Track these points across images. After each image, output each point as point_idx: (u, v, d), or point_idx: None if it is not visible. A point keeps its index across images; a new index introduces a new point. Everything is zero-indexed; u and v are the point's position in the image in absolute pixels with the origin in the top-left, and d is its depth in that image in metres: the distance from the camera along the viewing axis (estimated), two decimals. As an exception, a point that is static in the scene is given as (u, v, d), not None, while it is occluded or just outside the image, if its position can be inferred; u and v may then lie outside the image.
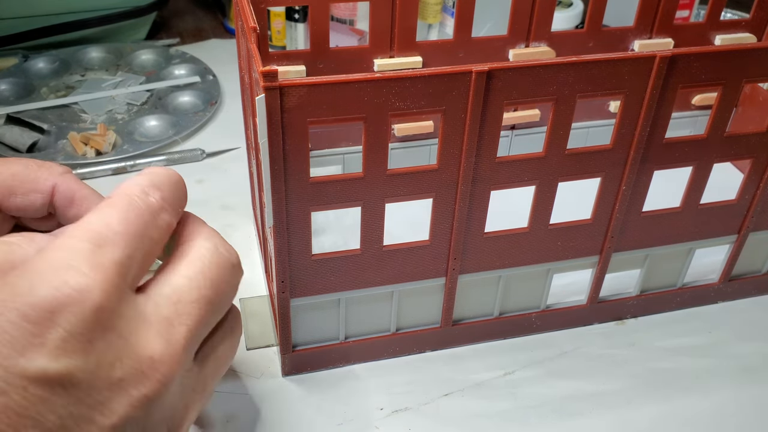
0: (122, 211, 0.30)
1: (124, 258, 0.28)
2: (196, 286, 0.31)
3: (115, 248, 0.28)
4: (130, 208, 0.30)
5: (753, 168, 0.50)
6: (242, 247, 0.61)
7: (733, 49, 0.43)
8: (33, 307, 0.26)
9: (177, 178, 0.34)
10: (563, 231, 0.49)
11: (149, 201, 0.31)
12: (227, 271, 0.33)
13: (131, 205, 0.30)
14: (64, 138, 0.72)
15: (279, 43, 0.87)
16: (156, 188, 0.32)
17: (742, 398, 0.50)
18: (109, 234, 0.29)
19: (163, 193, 0.32)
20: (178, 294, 0.30)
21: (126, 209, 0.30)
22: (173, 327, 0.30)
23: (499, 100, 0.41)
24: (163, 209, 0.31)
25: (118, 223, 0.29)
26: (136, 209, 0.30)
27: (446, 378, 0.51)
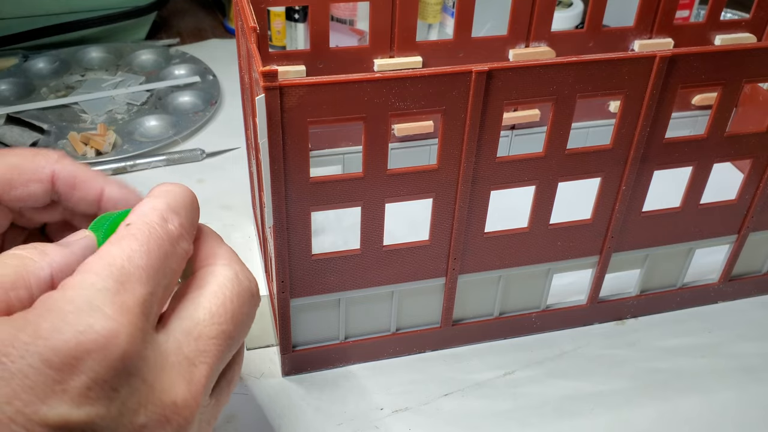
0: (143, 243, 0.28)
1: (147, 295, 0.27)
2: (217, 321, 0.30)
3: (139, 285, 0.27)
4: (151, 239, 0.29)
5: (753, 168, 0.50)
6: (242, 247, 0.61)
7: (733, 49, 0.43)
8: (56, 353, 0.25)
9: (192, 198, 0.33)
10: (563, 231, 0.49)
11: (169, 229, 0.30)
12: (247, 302, 0.32)
13: (152, 235, 0.29)
14: (64, 138, 0.72)
15: (279, 43, 0.87)
16: (174, 213, 0.31)
17: (742, 398, 0.50)
18: (131, 269, 0.27)
19: (181, 218, 0.31)
20: (198, 329, 0.29)
21: (147, 240, 0.28)
22: (194, 367, 0.29)
23: (499, 100, 0.41)
24: (182, 237, 0.30)
25: (140, 256, 0.28)
26: (156, 239, 0.29)
27: (446, 378, 0.51)
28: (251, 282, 0.32)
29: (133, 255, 0.28)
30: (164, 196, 0.31)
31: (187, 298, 0.30)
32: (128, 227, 0.29)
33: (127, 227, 0.29)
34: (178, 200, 0.31)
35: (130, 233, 0.29)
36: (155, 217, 0.30)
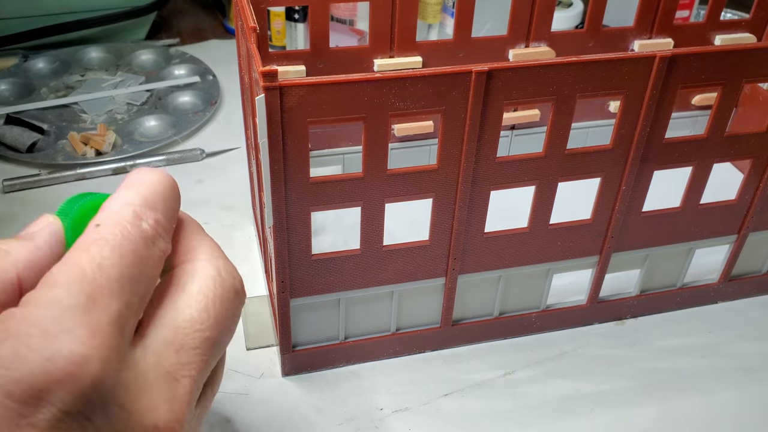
0: (115, 248, 0.25)
1: (121, 309, 0.24)
2: (199, 329, 0.27)
3: (112, 299, 0.24)
4: (124, 242, 0.25)
5: (753, 168, 0.50)
6: (242, 247, 0.61)
7: (733, 49, 0.43)
8: (20, 385, 0.22)
9: (171, 186, 0.29)
10: (563, 231, 0.49)
11: (143, 229, 0.26)
12: (231, 302, 0.28)
13: (125, 238, 0.25)
14: (64, 138, 0.72)
15: (279, 43, 0.87)
16: (149, 208, 0.27)
17: (742, 398, 0.50)
18: (103, 281, 0.24)
19: (157, 213, 0.27)
20: (179, 339, 0.26)
21: (119, 244, 0.25)
22: (176, 382, 0.26)
23: (499, 100, 0.41)
24: (158, 236, 0.27)
25: (112, 264, 0.24)
26: (130, 243, 0.25)
27: (446, 378, 0.51)
28: (235, 279, 0.29)
29: (104, 263, 0.24)
30: (138, 187, 0.28)
31: (165, 302, 0.27)
32: (98, 228, 0.26)
33: (96, 228, 0.26)
34: (154, 191, 0.28)
35: (101, 236, 0.25)
36: (127, 215, 0.26)
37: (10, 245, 0.26)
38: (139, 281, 0.25)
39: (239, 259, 0.60)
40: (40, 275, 0.25)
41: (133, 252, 0.25)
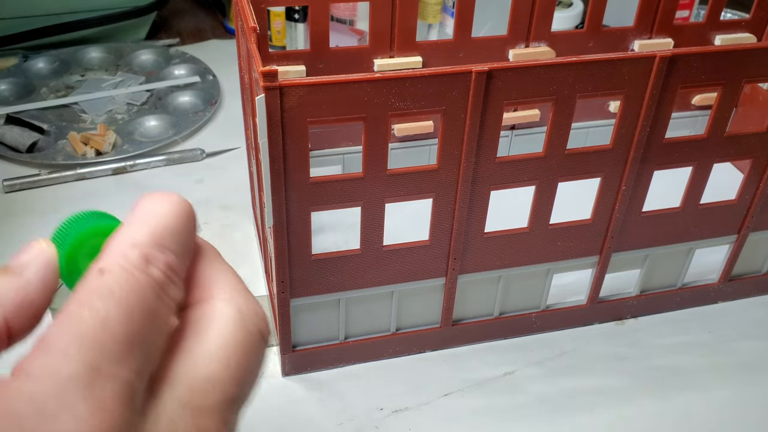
0: (122, 301, 0.21)
1: (130, 376, 0.21)
2: (219, 388, 0.23)
3: (119, 365, 0.20)
4: (132, 293, 0.21)
5: (753, 168, 0.50)
6: (242, 247, 0.61)
7: (733, 49, 0.43)
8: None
9: (185, 216, 0.25)
10: (563, 231, 0.49)
11: (153, 275, 0.22)
12: (255, 349, 0.24)
13: (132, 288, 0.21)
14: (64, 138, 0.72)
15: (279, 43, 0.87)
16: (160, 248, 0.23)
17: (742, 397, 0.50)
18: (109, 343, 0.20)
19: (169, 254, 0.23)
20: (197, 402, 0.22)
21: (126, 296, 0.21)
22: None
23: (499, 100, 0.41)
24: (170, 283, 0.23)
25: (118, 322, 0.21)
26: (138, 293, 0.22)
27: (446, 378, 0.51)
28: (260, 320, 0.25)
29: (108, 321, 0.21)
30: (147, 222, 0.24)
31: (180, 353, 0.23)
32: (101, 276, 0.22)
33: (100, 276, 0.22)
34: (164, 225, 0.24)
35: (105, 286, 0.21)
36: (135, 259, 0.22)
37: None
38: (148, 340, 0.22)
39: (239, 259, 0.60)
40: (30, 315, 0.23)
41: (142, 306, 0.22)
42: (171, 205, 0.24)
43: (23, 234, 0.62)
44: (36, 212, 0.65)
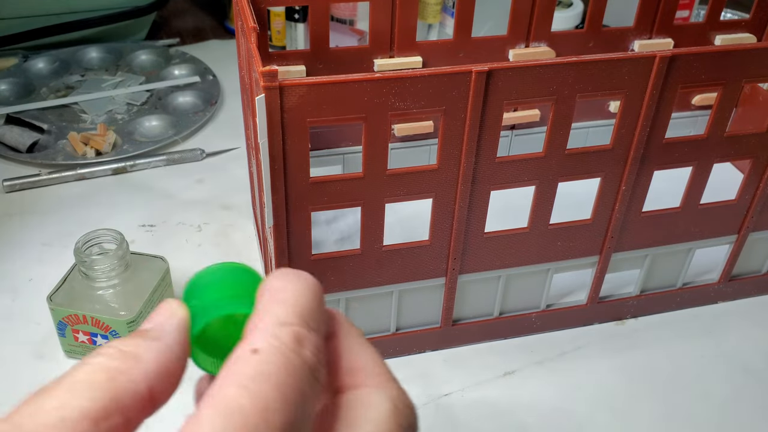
0: (279, 387, 0.20)
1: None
2: None
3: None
4: (288, 378, 0.20)
5: (753, 168, 0.50)
6: (242, 247, 0.61)
7: (733, 49, 0.43)
8: None
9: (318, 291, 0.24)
10: (563, 231, 0.49)
11: (305, 357, 0.21)
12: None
13: (288, 373, 0.20)
14: (64, 138, 0.72)
15: (279, 43, 0.87)
16: (307, 326, 0.22)
17: (742, 398, 0.50)
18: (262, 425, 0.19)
19: (315, 334, 0.22)
20: None
21: (283, 381, 0.20)
22: None
23: (499, 100, 0.41)
24: (320, 365, 0.22)
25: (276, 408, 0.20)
26: (294, 378, 0.20)
27: (446, 378, 0.51)
28: (412, 412, 0.24)
29: (268, 408, 0.19)
30: (287, 300, 0.22)
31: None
32: (256, 357, 0.20)
33: (254, 356, 0.20)
34: (305, 304, 0.23)
35: (261, 370, 0.20)
36: (288, 340, 0.21)
37: (138, 347, 0.22)
38: (302, 427, 0.20)
39: (239, 260, 0.60)
40: (171, 381, 0.22)
41: (297, 390, 0.20)
42: (304, 282, 0.23)
43: (23, 234, 0.62)
44: (36, 212, 0.65)
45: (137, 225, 0.63)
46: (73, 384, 0.20)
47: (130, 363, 0.21)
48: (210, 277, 0.25)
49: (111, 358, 0.21)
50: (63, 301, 0.48)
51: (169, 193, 0.67)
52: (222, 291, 0.24)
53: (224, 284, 0.24)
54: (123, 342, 0.22)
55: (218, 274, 0.25)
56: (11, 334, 0.53)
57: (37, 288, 0.56)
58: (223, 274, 0.25)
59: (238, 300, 0.24)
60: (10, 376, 0.50)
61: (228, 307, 0.23)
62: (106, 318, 0.48)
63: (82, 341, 0.49)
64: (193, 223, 0.64)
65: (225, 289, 0.24)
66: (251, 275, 0.25)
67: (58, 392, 0.20)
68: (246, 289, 0.24)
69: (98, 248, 0.49)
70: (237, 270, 0.25)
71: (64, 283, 0.49)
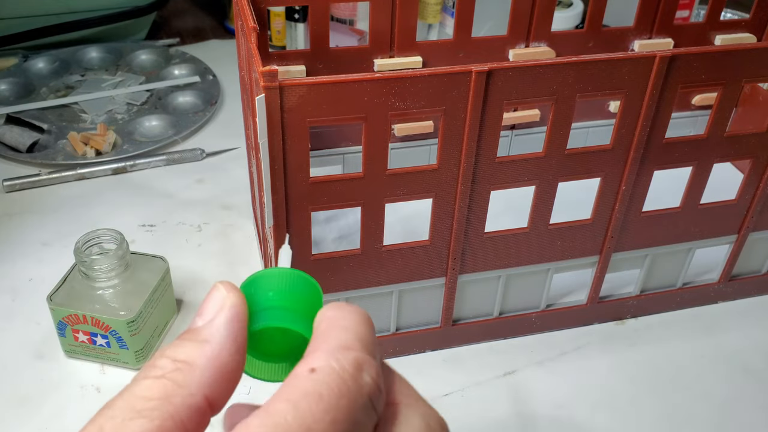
0: (330, 408, 0.20)
1: None
2: None
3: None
4: (340, 401, 0.20)
5: (753, 168, 0.50)
6: (242, 247, 0.61)
7: (733, 49, 0.43)
8: None
9: (371, 323, 0.24)
10: (563, 231, 0.49)
11: (364, 381, 0.21)
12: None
13: (341, 395, 0.20)
14: (64, 138, 0.72)
15: (279, 43, 0.87)
16: (370, 353, 0.22)
17: (742, 398, 0.50)
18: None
19: (375, 362, 0.22)
20: None
21: (336, 401, 0.20)
22: None
23: (499, 100, 0.41)
24: (378, 392, 0.22)
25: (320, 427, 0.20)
26: (348, 403, 0.20)
27: (446, 378, 0.51)
28: (444, 429, 0.25)
29: (313, 428, 0.20)
30: (351, 326, 0.22)
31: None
32: (313, 376, 0.21)
33: (311, 375, 0.21)
34: (365, 331, 0.23)
35: (315, 390, 0.20)
36: (347, 364, 0.21)
37: (192, 356, 0.21)
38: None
39: (239, 259, 0.60)
40: (227, 382, 0.22)
41: (349, 414, 0.20)
42: (360, 312, 0.23)
43: (23, 234, 0.62)
44: (36, 212, 0.65)
45: (137, 225, 0.63)
46: (133, 403, 0.20)
47: (183, 374, 0.21)
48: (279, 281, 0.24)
49: (164, 370, 0.21)
50: (63, 301, 0.48)
51: (169, 193, 0.67)
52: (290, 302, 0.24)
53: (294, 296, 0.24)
54: (175, 349, 0.22)
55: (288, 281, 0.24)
56: (11, 334, 0.53)
57: (37, 288, 0.56)
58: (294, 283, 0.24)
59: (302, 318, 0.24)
60: (10, 376, 0.50)
61: (295, 323, 0.23)
62: (106, 318, 0.48)
63: (82, 341, 0.49)
64: (193, 223, 0.64)
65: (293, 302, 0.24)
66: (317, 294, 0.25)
67: (118, 412, 0.20)
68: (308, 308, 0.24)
69: (98, 248, 0.49)
70: (307, 284, 0.25)
71: (64, 283, 0.49)
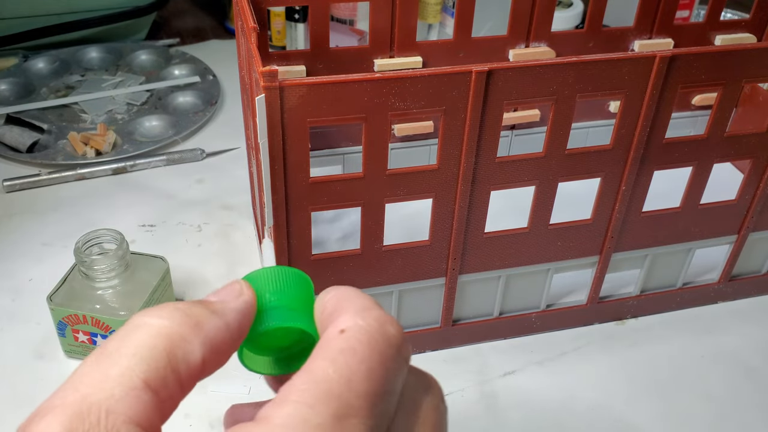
0: (364, 360, 0.22)
1: (370, 428, 0.21)
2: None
3: (360, 421, 0.21)
4: (374, 353, 0.22)
5: (753, 168, 0.50)
6: (242, 247, 0.61)
7: (733, 49, 0.43)
8: None
9: None
10: (563, 231, 0.49)
11: (389, 333, 0.23)
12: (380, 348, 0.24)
13: (374, 349, 0.22)
14: (64, 138, 0.72)
15: (279, 43, 0.87)
16: (383, 310, 0.24)
17: (742, 398, 0.50)
18: (352, 399, 0.21)
19: (393, 318, 0.24)
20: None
21: (369, 356, 0.22)
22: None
23: (499, 100, 0.41)
24: (404, 341, 0.24)
25: (360, 379, 0.21)
26: (379, 354, 0.22)
27: (446, 378, 0.51)
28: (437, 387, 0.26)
29: (353, 378, 0.21)
30: (356, 295, 0.24)
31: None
32: (344, 335, 0.22)
33: (342, 335, 0.22)
34: (371, 298, 0.25)
35: (348, 345, 0.22)
36: (372, 320, 0.23)
37: (200, 316, 0.23)
38: (387, 399, 0.22)
39: (239, 259, 0.60)
40: (220, 356, 0.23)
41: (382, 364, 0.22)
42: (355, 288, 0.25)
43: (23, 234, 0.62)
44: (36, 212, 0.65)
45: (137, 225, 0.63)
46: (136, 349, 0.21)
47: (190, 329, 0.22)
48: (274, 280, 0.25)
49: (173, 321, 0.22)
50: (63, 301, 0.48)
51: (169, 193, 0.67)
52: (290, 299, 0.25)
53: (291, 293, 0.25)
54: (189, 306, 0.22)
55: (281, 278, 0.25)
56: (11, 334, 0.53)
57: (37, 288, 0.56)
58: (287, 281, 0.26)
59: (302, 313, 0.25)
60: (10, 376, 0.50)
61: (300, 321, 0.24)
62: (106, 318, 0.48)
63: (82, 341, 0.49)
64: (193, 223, 0.64)
65: (292, 299, 0.25)
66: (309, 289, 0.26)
67: (121, 359, 0.21)
68: (305, 302, 0.25)
69: (98, 248, 0.49)
70: (299, 278, 0.26)
71: (64, 283, 0.49)
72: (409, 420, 0.24)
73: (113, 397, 0.20)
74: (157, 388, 0.20)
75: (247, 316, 0.24)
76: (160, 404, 0.20)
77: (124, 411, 0.19)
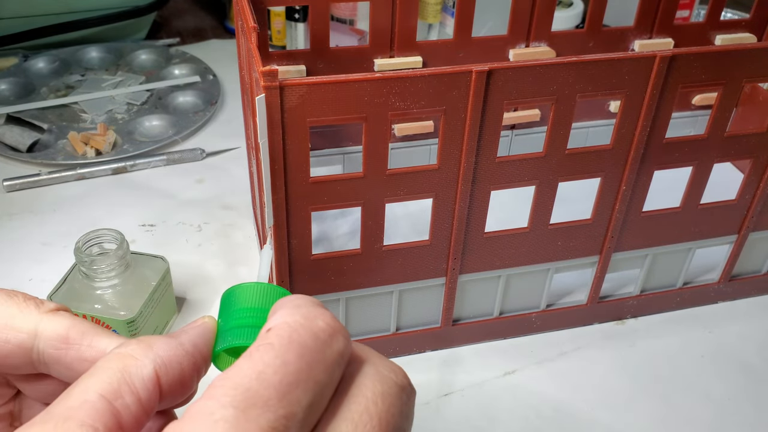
0: (280, 353, 0.23)
1: (277, 421, 0.22)
2: None
3: (266, 410, 0.22)
4: (291, 346, 0.23)
5: (753, 168, 0.50)
6: (242, 247, 0.61)
7: (733, 49, 0.43)
8: None
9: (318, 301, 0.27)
10: (563, 231, 0.49)
11: (317, 328, 0.24)
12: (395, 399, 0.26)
13: (292, 342, 0.23)
14: (64, 138, 0.72)
15: (279, 43, 0.87)
16: (319, 305, 0.25)
17: (742, 398, 0.50)
18: (260, 389, 0.22)
19: (327, 312, 0.25)
20: None
21: (285, 349, 0.23)
22: None
23: (499, 100, 0.41)
24: (335, 334, 0.24)
25: (273, 371, 0.22)
26: (298, 346, 0.23)
27: (446, 378, 0.51)
28: (396, 374, 0.26)
29: (264, 370, 0.22)
30: (301, 298, 0.26)
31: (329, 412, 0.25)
32: (267, 333, 0.24)
33: (266, 333, 0.24)
34: (315, 301, 0.26)
35: (268, 341, 0.23)
36: (299, 317, 0.24)
37: (153, 340, 0.25)
38: (305, 389, 0.23)
39: (239, 259, 0.60)
40: (177, 373, 0.25)
41: (300, 356, 0.23)
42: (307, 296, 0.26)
43: (23, 234, 0.62)
44: (36, 212, 0.65)
45: (137, 225, 0.63)
46: (95, 369, 0.24)
47: (141, 350, 0.24)
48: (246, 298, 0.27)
49: (128, 346, 0.25)
50: (63, 301, 0.48)
51: (169, 193, 0.67)
52: (252, 317, 0.27)
53: (255, 310, 0.27)
54: (146, 336, 0.25)
55: (253, 296, 0.27)
56: (11, 333, 0.53)
57: (37, 288, 0.56)
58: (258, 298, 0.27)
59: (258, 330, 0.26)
60: (10, 375, 0.50)
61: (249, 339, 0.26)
62: (106, 318, 0.48)
63: (82, 341, 0.49)
64: (193, 223, 0.64)
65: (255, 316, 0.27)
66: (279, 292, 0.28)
67: (84, 378, 0.24)
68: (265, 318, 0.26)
69: (98, 248, 0.49)
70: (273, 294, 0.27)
71: (64, 283, 0.49)
72: (352, 407, 0.24)
73: (71, 408, 0.22)
74: (112, 398, 0.23)
75: (202, 335, 0.26)
76: (117, 413, 0.23)
77: (80, 417, 0.22)
